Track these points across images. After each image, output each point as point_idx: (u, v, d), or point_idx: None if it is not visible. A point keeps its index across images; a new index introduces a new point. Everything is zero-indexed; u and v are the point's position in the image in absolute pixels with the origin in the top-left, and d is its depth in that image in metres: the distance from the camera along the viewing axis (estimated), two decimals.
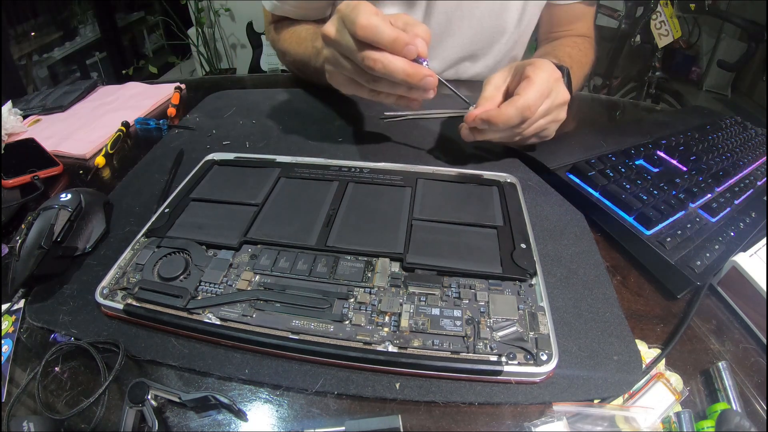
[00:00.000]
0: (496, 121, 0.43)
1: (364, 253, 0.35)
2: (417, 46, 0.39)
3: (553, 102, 0.45)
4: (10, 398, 0.29)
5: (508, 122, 0.43)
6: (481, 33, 0.68)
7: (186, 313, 0.31)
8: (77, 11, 2.16)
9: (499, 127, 0.44)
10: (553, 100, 0.45)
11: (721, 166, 0.48)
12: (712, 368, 0.31)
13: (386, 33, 0.38)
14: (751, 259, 0.35)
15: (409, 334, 0.29)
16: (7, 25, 1.78)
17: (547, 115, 0.46)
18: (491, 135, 0.46)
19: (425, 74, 0.40)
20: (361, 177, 0.44)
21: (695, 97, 2.41)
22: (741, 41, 2.17)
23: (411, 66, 0.39)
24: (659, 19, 1.69)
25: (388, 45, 0.39)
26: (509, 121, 0.43)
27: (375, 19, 0.38)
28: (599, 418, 0.28)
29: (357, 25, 0.38)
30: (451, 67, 0.73)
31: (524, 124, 0.44)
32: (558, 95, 0.45)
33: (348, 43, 0.40)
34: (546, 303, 0.32)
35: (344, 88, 0.45)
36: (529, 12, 0.68)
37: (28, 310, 0.34)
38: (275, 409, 0.28)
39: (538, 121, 0.46)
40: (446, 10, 0.65)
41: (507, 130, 0.45)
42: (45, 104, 0.66)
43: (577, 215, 0.43)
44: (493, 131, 0.45)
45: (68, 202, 0.38)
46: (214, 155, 0.48)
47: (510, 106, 0.43)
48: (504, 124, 0.43)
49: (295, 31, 0.64)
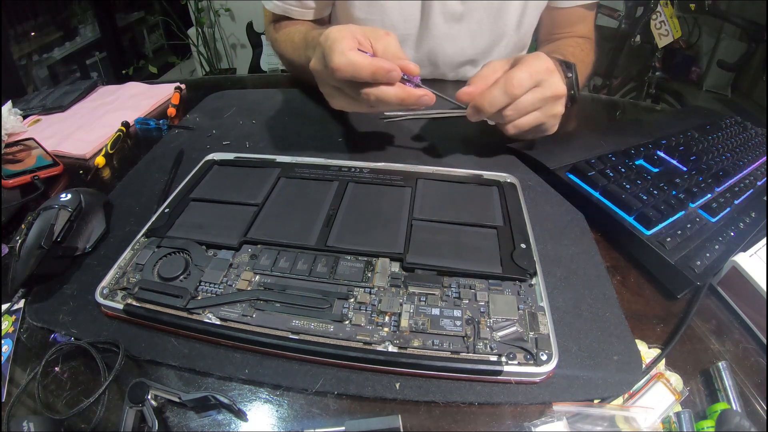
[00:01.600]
0: (482, 103, 0.43)
1: (364, 253, 0.35)
2: (398, 69, 0.40)
3: (545, 92, 0.44)
4: (10, 398, 0.29)
5: (493, 102, 0.43)
6: (481, 36, 0.68)
7: (186, 313, 0.31)
8: (77, 11, 2.16)
9: (486, 108, 0.43)
10: (545, 91, 0.44)
11: (721, 166, 0.48)
12: (712, 368, 0.31)
13: (364, 69, 0.39)
14: (751, 259, 0.35)
15: (409, 334, 0.29)
16: (7, 25, 1.78)
17: (542, 108, 0.45)
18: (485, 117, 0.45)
19: (419, 95, 0.41)
20: (361, 177, 0.44)
21: (695, 97, 2.41)
22: (741, 41, 2.17)
23: (403, 91, 0.40)
24: (659, 19, 1.69)
25: (371, 79, 0.39)
26: (494, 102, 0.43)
27: (349, 56, 0.39)
28: (599, 418, 0.28)
29: (333, 69, 0.39)
30: (452, 71, 0.73)
31: (511, 108, 0.44)
32: (551, 86, 0.44)
33: (336, 80, 0.41)
34: (546, 303, 0.32)
35: (346, 109, 0.46)
36: (529, 15, 0.68)
37: (28, 310, 0.34)
38: (275, 409, 0.28)
39: (533, 112, 0.45)
40: (444, 12, 0.65)
41: (497, 115, 0.44)
42: (45, 104, 0.66)
43: (577, 215, 0.43)
44: (482, 114, 0.45)
45: (68, 202, 0.38)
46: (214, 155, 0.48)
47: (494, 86, 0.43)
48: (490, 105, 0.43)
49: (290, 35, 0.64)
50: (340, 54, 0.39)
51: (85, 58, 2.20)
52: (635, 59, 1.93)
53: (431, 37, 0.67)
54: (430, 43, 0.68)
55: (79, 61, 2.17)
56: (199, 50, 2.30)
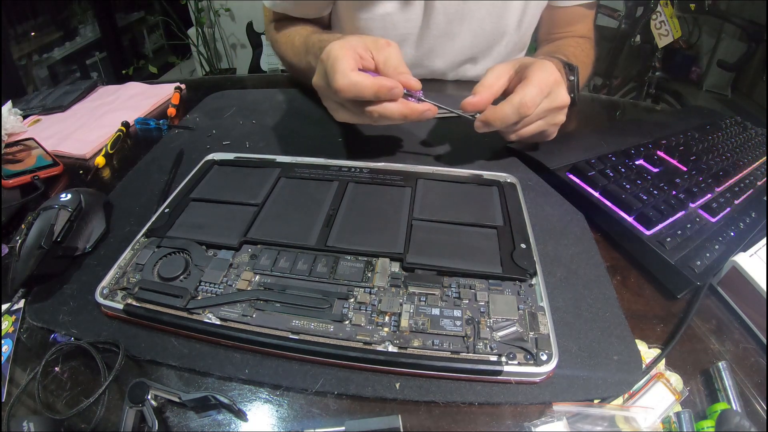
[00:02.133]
0: (493, 120, 0.43)
1: (364, 253, 0.35)
2: (400, 86, 0.40)
3: (551, 104, 0.45)
4: (10, 398, 0.29)
5: (505, 120, 0.43)
6: (482, 35, 0.68)
7: (186, 313, 0.31)
8: (77, 11, 2.16)
9: (496, 125, 0.44)
10: (552, 102, 0.45)
11: (721, 166, 0.48)
12: (712, 368, 0.31)
13: (366, 89, 0.39)
14: (751, 259, 0.35)
15: (409, 334, 0.29)
16: (7, 25, 1.78)
17: (546, 117, 0.46)
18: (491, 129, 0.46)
19: (422, 110, 0.41)
20: (361, 177, 0.44)
21: (695, 97, 2.41)
22: (741, 41, 2.17)
23: (406, 107, 0.41)
24: (659, 19, 1.69)
25: (373, 98, 0.40)
26: (506, 119, 0.43)
27: (351, 77, 0.39)
28: (599, 418, 0.28)
29: (336, 89, 0.39)
30: (453, 70, 0.73)
31: (521, 122, 0.45)
32: (557, 98, 0.45)
33: (339, 98, 0.41)
34: (546, 303, 0.32)
35: (350, 122, 0.46)
36: (530, 14, 0.68)
37: (28, 310, 0.34)
38: (275, 409, 0.28)
39: (537, 121, 0.46)
40: (446, 11, 0.65)
41: (506, 127, 0.45)
42: (45, 104, 0.66)
43: (577, 215, 0.43)
44: (492, 128, 0.45)
45: (68, 202, 0.38)
46: (214, 155, 0.48)
47: (507, 105, 0.43)
48: (501, 123, 0.43)
49: (290, 37, 0.64)
50: (342, 75, 0.39)
51: (85, 58, 2.20)
52: (635, 59, 1.93)
53: (432, 37, 0.67)
54: (431, 42, 0.68)
55: (79, 61, 2.17)
56: (199, 50, 2.30)
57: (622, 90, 2.00)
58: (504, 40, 0.69)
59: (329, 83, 0.40)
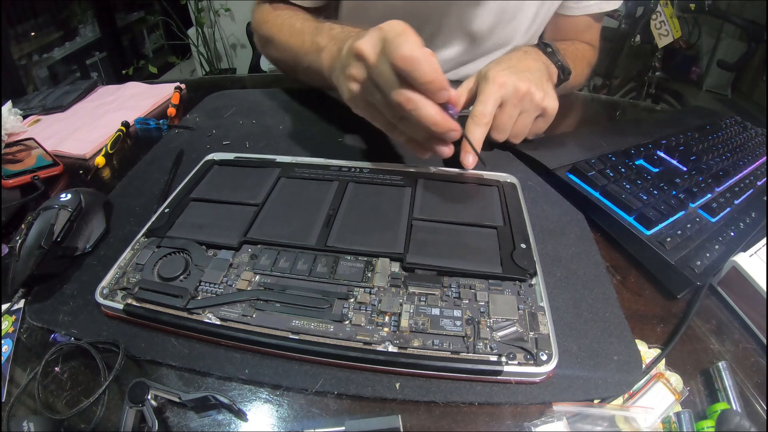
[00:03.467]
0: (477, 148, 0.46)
1: (364, 253, 0.35)
2: (450, 92, 0.36)
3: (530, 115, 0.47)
4: (10, 398, 0.29)
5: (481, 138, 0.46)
6: (489, 39, 0.67)
7: (186, 313, 0.31)
8: (77, 11, 2.15)
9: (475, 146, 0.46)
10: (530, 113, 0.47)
11: (721, 166, 0.48)
12: (712, 368, 0.31)
13: (426, 71, 0.35)
14: (751, 259, 0.35)
15: (409, 334, 0.29)
16: (7, 25, 1.78)
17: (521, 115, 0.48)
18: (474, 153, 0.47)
19: (451, 128, 0.38)
20: (361, 177, 0.44)
21: (695, 97, 2.41)
22: (741, 41, 2.17)
23: (440, 115, 0.37)
24: (659, 19, 1.69)
25: (423, 84, 0.35)
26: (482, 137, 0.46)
27: (419, 52, 0.35)
28: (599, 418, 0.28)
29: (398, 54, 0.35)
30: (452, 69, 0.72)
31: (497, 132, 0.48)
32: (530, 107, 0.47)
33: (386, 72, 0.37)
34: (546, 303, 0.32)
35: (361, 111, 0.43)
36: (538, 22, 0.68)
37: (28, 310, 0.34)
38: (275, 409, 0.28)
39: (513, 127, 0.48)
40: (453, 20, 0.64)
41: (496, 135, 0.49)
42: (45, 104, 0.66)
43: (577, 215, 0.43)
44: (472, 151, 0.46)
45: (68, 202, 0.38)
46: (214, 155, 0.48)
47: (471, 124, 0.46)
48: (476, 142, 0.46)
49: (288, 20, 0.60)
50: (411, 45, 0.35)
51: (85, 58, 2.20)
52: (635, 59, 1.93)
53: (440, 41, 0.67)
54: (437, 44, 0.68)
55: (79, 61, 2.17)
56: (199, 50, 2.30)
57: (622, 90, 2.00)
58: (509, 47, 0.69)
59: (387, 49, 0.36)
